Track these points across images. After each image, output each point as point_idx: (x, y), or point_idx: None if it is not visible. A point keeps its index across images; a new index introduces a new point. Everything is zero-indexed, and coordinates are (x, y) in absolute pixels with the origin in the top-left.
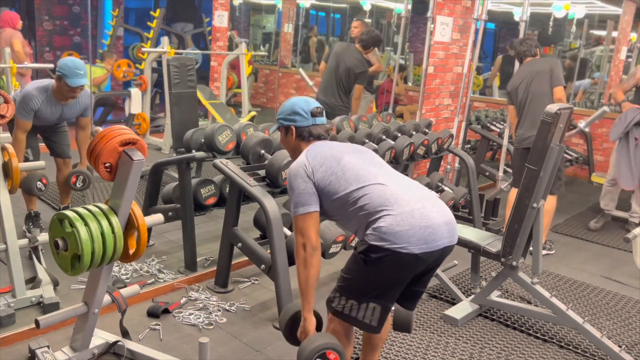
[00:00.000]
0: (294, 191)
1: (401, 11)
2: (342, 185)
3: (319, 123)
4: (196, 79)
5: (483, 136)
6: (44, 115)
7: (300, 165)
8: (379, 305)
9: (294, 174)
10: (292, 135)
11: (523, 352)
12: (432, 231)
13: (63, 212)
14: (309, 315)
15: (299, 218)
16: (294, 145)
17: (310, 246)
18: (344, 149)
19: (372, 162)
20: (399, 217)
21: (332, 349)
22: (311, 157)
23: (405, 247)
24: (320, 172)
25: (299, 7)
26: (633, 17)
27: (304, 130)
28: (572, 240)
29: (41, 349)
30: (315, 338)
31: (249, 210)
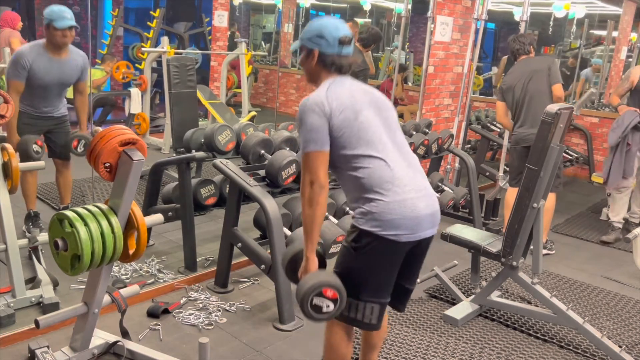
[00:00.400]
0: (306, 126)
1: (401, 11)
2: (353, 144)
3: (345, 54)
4: (196, 79)
5: (483, 136)
6: (40, 73)
7: (320, 101)
8: (377, 304)
9: (311, 108)
10: (313, 60)
11: (523, 352)
12: (419, 222)
13: (63, 212)
14: (311, 255)
15: (309, 155)
16: (313, 70)
17: (317, 184)
18: (364, 100)
19: (385, 125)
20: (391, 205)
21: (330, 286)
22: (332, 97)
23: (394, 235)
24: (339, 120)
25: (299, 7)
26: (633, 17)
27: (327, 57)
28: (572, 240)
29: (41, 349)
30: (312, 276)
31: (249, 210)
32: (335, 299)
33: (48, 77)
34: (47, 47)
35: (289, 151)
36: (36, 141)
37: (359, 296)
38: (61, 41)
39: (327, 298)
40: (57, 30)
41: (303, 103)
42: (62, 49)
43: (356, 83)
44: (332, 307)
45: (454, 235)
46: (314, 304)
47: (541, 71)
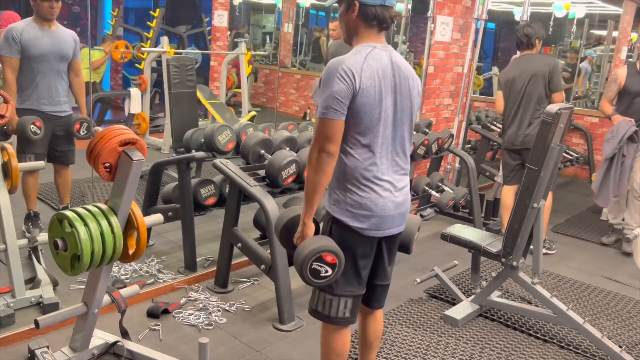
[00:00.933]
0: (330, 90)
1: (401, 11)
2: (361, 127)
3: (389, 4)
4: (196, 79)
5: (483, 136)
6: (32, 42)
7: (355, 70)
8: (350, 297)
9: (341, 74)
10: (353, 13)
11: (523, 352)
12: (385, 220)
13: (62, 212)
14: (308, 221)
15: (325, 122)
16: (352, 25)
17: (327, 152)
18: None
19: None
20: (364, 201)
21: (329, 251)
22: (367, 72)
23: (359, 228)
24: (363, 98)
25: (299, 7)
26: (633, 16)
27: (369, 9)
28: (572, 240)
29: (41, 349)
30: (311, 242)
31: (249, 210)
32: (334, 264)
33: (41, 46)
34: (35, 20)
35: (289, 151)
36: (34, 121)
37: (333, 289)
38: (48, 12)
39: (326, 263)
40: (44, 2)
41: (336, 63)
42: (50, 21)
43: (393, 56)
44: (331, 272)
45: (454, 235)
46: (312, 267)
47: (541, 75)
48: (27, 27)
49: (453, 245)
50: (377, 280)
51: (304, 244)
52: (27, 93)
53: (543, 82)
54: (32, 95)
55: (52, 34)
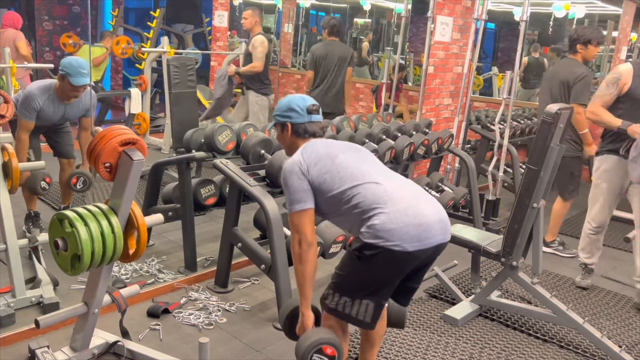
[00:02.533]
0: (288, 188)
1: (401, 11)
2: (337, 184)
3: (315, 120)
4: (196, 79)
5: (483, 136)
6: (46, 115)
7: (296, 162)
8: (372, 302)
9: (289, 171)
10: (287, 132)
11: (523, 352)
12: (425, 229)
13: (63, 212)
14: (306, 311)
15: (294, 215)
16: (290, 142)
17: (305, 242)
18: (340, 147)
19: (366, 161)
20: (392, 215)
21: (329, 344)
22: (306, 154)
23: (399, 245)
24: (316, 170)
25: (299, 7)
26: (633, 17)
27: (299, 127)
28: (572, 240)
29: (41, 349)
30: (311, 333)
31: (249, 210)
32: (334, 356)
33: (54, 117)
34: (57, 94)
35: None
36: (44, 178)
37: (355, 294)
38: (73, 95)
39: (326, 355)
40: (71, 85)
41: (283, 167)
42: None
43: (331, 140)
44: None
45: (454, 235)
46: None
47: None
48: (48, 101)
49: (453, 245)
50: (410, 282)
51: (304, 336)
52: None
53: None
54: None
55: (70, 107)
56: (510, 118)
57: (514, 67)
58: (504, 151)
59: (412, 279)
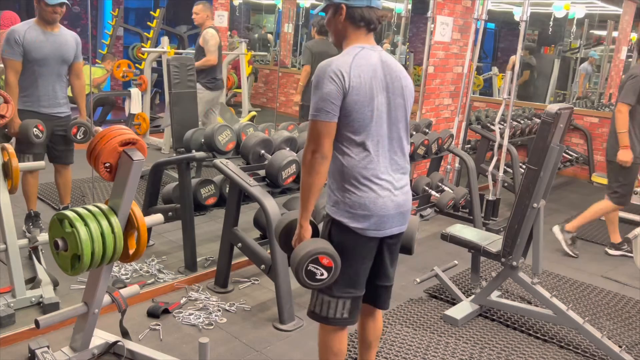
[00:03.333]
0: (321, 92)
1: (401, 11)
2: (354, 127)
3: (375, 5)
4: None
5: (483, 136)
6: (34, 45)
7: (343, 70)
8: (349, 298)
9: (331, 75)
10: (341, 16)
11: (523, 352)
12: (386, 220)
13: (63, 212)
14: (305, 223)
15: (318, 123)
16: (340, 28)
17: (320, 154)
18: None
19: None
20: (363, 200)
21: (325, 254)
22: (356, 71)
23: (360, 229)
24: (353, 99)
25: (299, 7)
26: (633, 16)
27: (356, 11)
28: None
29: (41, 349)
30: (308, 243)
31: (249, 210)
32: (330, 267)
33: (44, 49)
34: (38, 23)
35: (289, 151)
36: (37, 125)
37: (332, 292)
38: (51, 17)
39: (322, 266)
40: (47, 6)
41: (325, 65)
42: (52, 24)
43: (383, 56)
44: (326, 275)
45: (454, 235)
46: (308, 269)
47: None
48: (29, 29)
49: (453, 245)
50: (379, 281)
51: (301, 246)
52: (27, 94)
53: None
54: (32, 96)
55: (55, 37)
56: (510, 118)
57: (514, 67)
58: (504, 151)
59: (378, 275)
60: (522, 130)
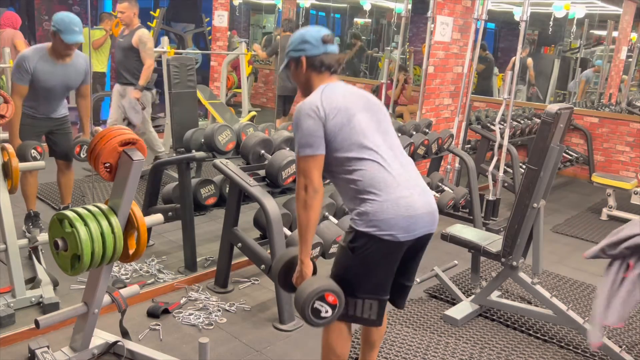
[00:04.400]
0: (302, 130)
1: (401, 11)
2: (346, 147)
3: (331, 52)
4: (196, 79)
5: (483, 136)
6: (43, 77)
7: (314, 105)
8: (375, 300)
9: (306, 113)
10: (302, 67)
11: (523, 352)
12: (415, 221)
13: (63, 212)
14: (306, 260)
15: (303, 159)
16: (305, 78)
17: (312, 188)
18: (358, 103)
19: (379, 128)
20: (385, 205)
21: (331, 291)
22: (326, 101)
23: (390, 234)
24: (333, 123)
25: (299, 7)
26: (633, 16)
27: (315, 59)
28: (572, 240)
29: (41, 349)
30: (312, 281)
31: (249, 210)
32: (335, 304)
33: (52, 80)
34: (50, 53)
35: (289, 151)
36: (35, 147)
37: (356, 294)
38: (65, 53)
39: (327, 303)
40: (63, 43)
41: (298, 108)
42: (65, 58)
43: (350, 87)
44: (331, 312)
45: (454, 235)
46: (314, 307)
47: None
48: (40, 60)
49: (453, 245)
50: (401, 279)
51: (305, 283)
52: (29, 105)
53: None
54: (33, 107)
55: (66, 68)
56: (510, 118)
57: (514, 67)
58: (504, 151)
59: (404, 274)
60: (522, 130)
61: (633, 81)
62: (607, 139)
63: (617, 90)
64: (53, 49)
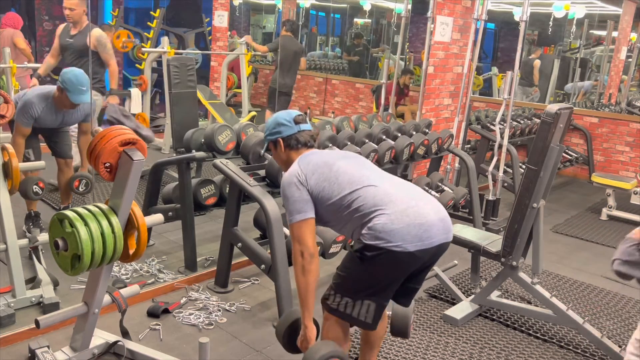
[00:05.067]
0: (288, 200)
1: (401, 11)
2: (336, 190)
3: (304, 129)
4: (196, 79)
5: (483, 136)
6: (45, 122)
7: (294, 173)
8: (374, 303)
9: (288, 183)
10: (281, 147)
11: (523, 352)
12: (427, 229)
13: (63, 212)
14: (309, 323)
15: (295, 226)
16: (285, 157)
17: (307, 253)
18: (335, 155)
19: (363, 166)
20: (393, 216)
21: (337, 357)
22: (303, 165)
23: (400, 245)
24: (314, 179)
25: (299, 7)
26: (633, 17)
27: (291, 139)
28: (572, 240)
29: (41, 349)
30: (318, 347)
31: (249, 210)
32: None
33: (53, 123)
34: (55, 102)
35: None
36: (37, 182)
37: (356, 295)
38: (70, 109)
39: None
40: (69, 102)
41: (282, 180)
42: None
43: (325, 151)
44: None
45: (454, 235)
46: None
47: None
48: (46, 109)
49: (453, 245)
50: (411, 283)
51: (310, 351)
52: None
53: None
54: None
55: (69, 114)
56: (510, 118)
57: (514, 67)
58: (504, 151)
59: (414, 279)
60: (522, 130)
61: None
62: (607, 139)
63: (616, 90)
64: (59, 100)
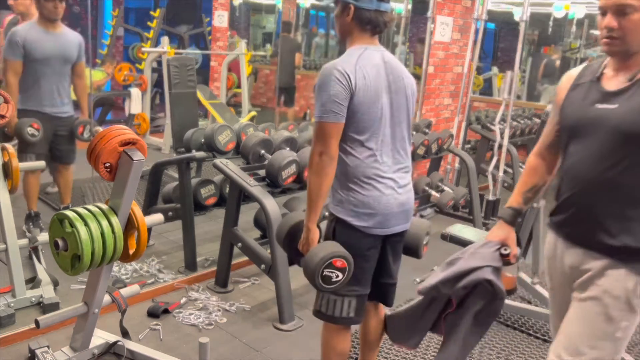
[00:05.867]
0: (328, 94)
1: (401, 11)
2: (359, 126)
3: (383, 10)
4: (196, 79)
5: (483, 136)
6: (35, 45)
7: (349, 71)
8: (354, 296)
9: (337, 77)
10: (348, 16)
11: (523, 352)
12: (389, 218)
13: (63, 212)
14: (312, 226)
15: (325, 125)
16: (346, 27)
17: (328, 156)
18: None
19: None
20: (367, 199)
21: (339, 257)
22: (360, 73)
23: (364, 227)
24: (360, 97)
25: (299, 7)
26: None
27: (364, 13)
28: None
29: (41, 349)
30: (319, 249)
31: (249, 210)
32: (344, 267)
33: (46, 49)
34: (39, 23)
35: (289, 151)
36: (31, 124)
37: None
38: (52, 12)
39: (336, 268)
40: (47, 2)
41: (330, 67)
42: (54, 22)
43: (385, 56)
44: (341, 276)
45: (454, 235)
46: (324, 274)
47: None
48: (30, 29)
49: (453, 245)
50: (383, 278)
51: (312, 252)
52: (29, 94)
53: None
54: (34, 96)
55: (57, 37)
56: (510, 118)
57: (514, 67)
58: (504, 151)
59: (385, 273)
60: (522, 130)
61: None
62: None
63: None
64: (40, 15)
